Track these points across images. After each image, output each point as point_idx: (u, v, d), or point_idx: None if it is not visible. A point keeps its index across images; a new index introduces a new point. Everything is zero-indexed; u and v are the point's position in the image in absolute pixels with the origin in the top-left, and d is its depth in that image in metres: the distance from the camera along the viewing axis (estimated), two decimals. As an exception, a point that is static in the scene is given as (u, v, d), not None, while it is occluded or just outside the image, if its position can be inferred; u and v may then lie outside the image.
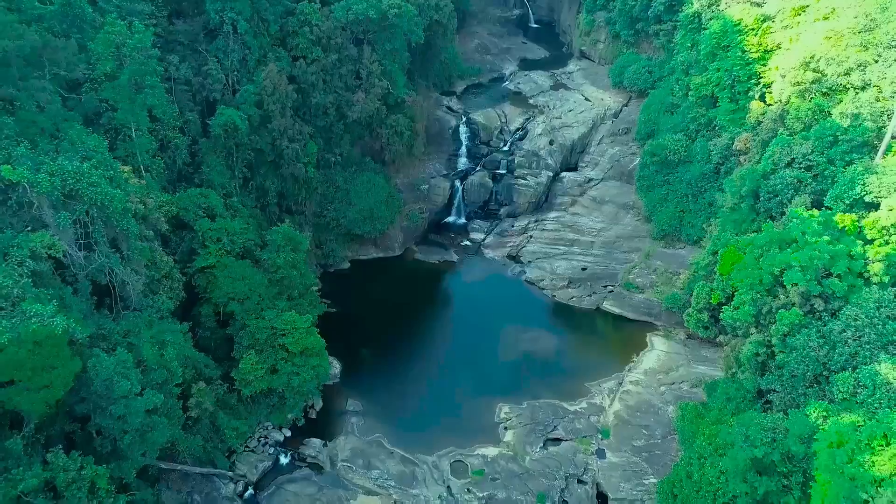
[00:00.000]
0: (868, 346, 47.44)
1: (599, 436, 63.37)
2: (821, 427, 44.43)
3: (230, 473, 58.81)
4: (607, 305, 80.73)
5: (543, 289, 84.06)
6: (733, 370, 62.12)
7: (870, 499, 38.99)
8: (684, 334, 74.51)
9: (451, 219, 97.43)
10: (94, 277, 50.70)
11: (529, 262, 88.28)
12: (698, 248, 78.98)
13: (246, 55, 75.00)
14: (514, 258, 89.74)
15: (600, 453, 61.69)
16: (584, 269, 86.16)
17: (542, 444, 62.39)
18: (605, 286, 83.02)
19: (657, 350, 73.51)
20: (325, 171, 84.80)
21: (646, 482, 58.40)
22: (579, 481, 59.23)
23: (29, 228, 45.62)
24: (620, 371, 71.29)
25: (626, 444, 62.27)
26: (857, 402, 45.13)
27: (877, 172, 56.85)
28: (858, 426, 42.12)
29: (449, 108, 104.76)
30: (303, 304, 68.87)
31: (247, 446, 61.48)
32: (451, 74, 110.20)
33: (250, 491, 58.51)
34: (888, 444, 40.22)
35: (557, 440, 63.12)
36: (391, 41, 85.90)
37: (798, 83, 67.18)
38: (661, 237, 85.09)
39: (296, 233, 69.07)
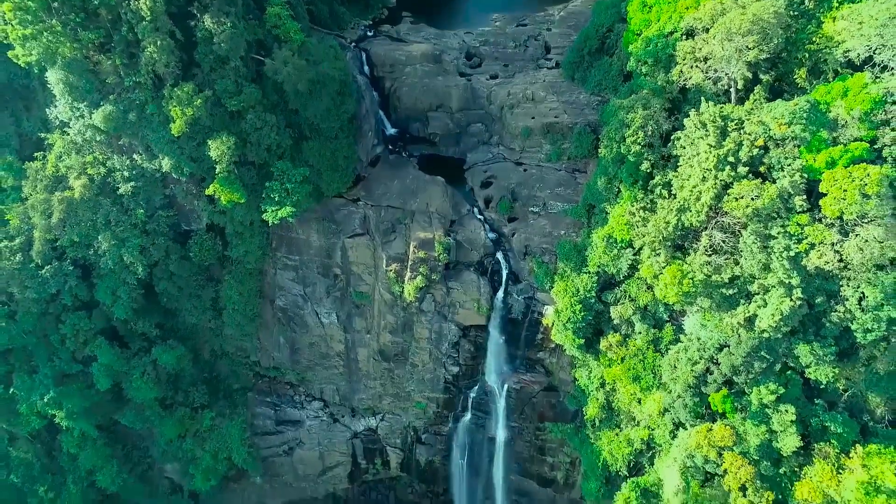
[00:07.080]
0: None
1: (549, 24, 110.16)
2: None
3: (342, 34, 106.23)
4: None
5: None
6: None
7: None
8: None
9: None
10: None
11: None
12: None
13: None
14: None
15: (548, 30, 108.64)
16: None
17: (515, 25, 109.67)
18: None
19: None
20: None
21: (571, 38, 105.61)
22: (535, 39, 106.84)
23: None
24: (567, 4, 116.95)
25: (563, 25, 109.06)
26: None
27: None
28: None
29: None
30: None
31: (349, 28, 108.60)
32: None
33: (353, 43, 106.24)
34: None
35: (525, 24, 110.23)
36: None
37: None
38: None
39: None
